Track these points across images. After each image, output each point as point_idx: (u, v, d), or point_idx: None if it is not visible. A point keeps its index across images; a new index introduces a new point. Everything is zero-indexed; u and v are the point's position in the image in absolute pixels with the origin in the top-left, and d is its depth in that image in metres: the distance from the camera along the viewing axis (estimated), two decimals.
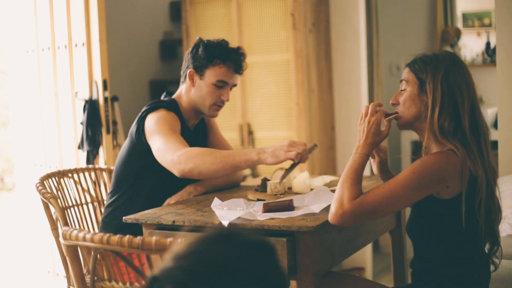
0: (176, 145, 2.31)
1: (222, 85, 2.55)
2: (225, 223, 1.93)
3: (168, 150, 2.31)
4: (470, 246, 1.88)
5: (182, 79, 2.62)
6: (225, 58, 2.53)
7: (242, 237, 0.93)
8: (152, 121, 2.44)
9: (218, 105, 2.58)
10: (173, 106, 2.56)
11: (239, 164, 2.22)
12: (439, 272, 1.91)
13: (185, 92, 2.60)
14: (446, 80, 1.85)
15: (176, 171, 2.28)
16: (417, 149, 4.76)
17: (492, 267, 1.97)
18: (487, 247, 1.95)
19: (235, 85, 2.60)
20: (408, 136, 4.73)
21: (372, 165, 2.20)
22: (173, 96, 2.63)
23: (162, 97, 2.65)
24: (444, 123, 1.84)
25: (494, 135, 4.40)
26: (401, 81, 1.96)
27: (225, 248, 0.91)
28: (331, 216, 1.83)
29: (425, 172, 1.79)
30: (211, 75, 2.53)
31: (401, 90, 1.96)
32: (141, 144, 2.46)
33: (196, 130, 2.71)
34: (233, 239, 0.92)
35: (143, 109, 2.53)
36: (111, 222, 2.54)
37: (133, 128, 2.52)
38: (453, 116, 1.85)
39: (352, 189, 1.83)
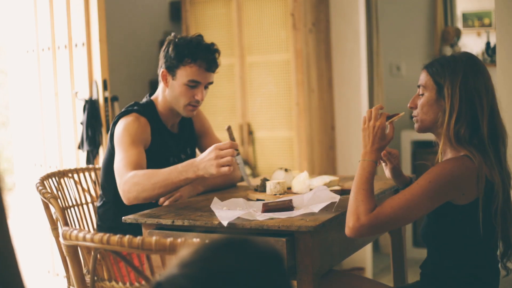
0: (126, 167, 2.28)
1: (195, 85, 2.47)
2: (225, 223, 1.93)
3: (118, 174, 2.29)
4: (485, 251, 1.86)
5: (159, 78, 2.57)
6: (196, 57, 2.44)
7: (249, 246, 0.91)
8: (119, 129, 2.41)
9: (193, 105, 2.51)
10: (148, 109, 2.51)
11: (178, 184, 2.20)
12: (451, 276, 1.89)
13: (161, 92, 2.56)
14: (464, 85, 1.82)
15: (123, 200, 2.27)
16: (417, 150, 4.76)
17: (503, 272, 1.94)
18: (499, 251, 1.93)
19: (211, 83, 2.52)
20: (408, 136, 4.73)
21: (384, 170, 2.19)
22: (152, 97, 2.59)
23: (144, 98, 2.61)
24: (461, 129, 1.81)
25: None
26: (418, 86, 1.93)
27: (232, 257, 0.89)
28: (348, 230, 1.81)
29: (440, 180, 1.77)
30: (183, 75, 2.46)
31: (419, 95, 1.92)
32: (114, 149, 2.44)
33: (181, 131, 2.65)
34: (240, 247, 0.91)
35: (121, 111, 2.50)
36: (103, 225, 2.54)
37: (110, 131, 2.50)
38: (471, 122, 1.82)
39: (367, 202, 1.81)
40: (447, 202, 1.83)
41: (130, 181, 2.22)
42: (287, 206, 2.03)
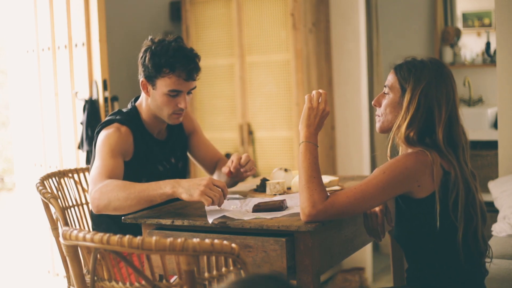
0: (100, 176, 2.20)
1: (176, 94, 2.37)
2: (210, 220, 1.95)
3: (91, 182, 2.22)
4: (453, 244, 1.87)
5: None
6: (174, 67, 2.32)
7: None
8: (99, 140, 2.35)
9: (177, 113, 2.42)
10: (131, 118, 2.43)
11: (153, 199, 2.08)
12: (430, 274, 1.90)
13: (144, 100, 2.48)
14: (425, 93, 1.87)
15: (92, 207, 2.17)
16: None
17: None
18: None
19: (193, 88, 2.42)
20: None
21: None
22: (137, 103, 2.50)
23: (129, 104, 2.55)
24: (410, 133, 1.88)
25: (494, 135, 4.40)
26: (385, 85, 1.98)
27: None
28: (303, 217, 1.86)
29: (394, 172, 1.84)
30: (162, 85, 2.36)
31: (384, 93, 1.98)
32: None
33: (169, 136, 2.57)
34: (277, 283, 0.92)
35: (104, 120, 2.45)
36: (98, 229, 2.53)
37: (94, 140, 2.45)
38: (424, 127, 1.88)
39: (320, 190, 1.87)
40: (408, 197, 1.87)
41: (103, 188, 2.13)
42: (278, 206, 2.03)
